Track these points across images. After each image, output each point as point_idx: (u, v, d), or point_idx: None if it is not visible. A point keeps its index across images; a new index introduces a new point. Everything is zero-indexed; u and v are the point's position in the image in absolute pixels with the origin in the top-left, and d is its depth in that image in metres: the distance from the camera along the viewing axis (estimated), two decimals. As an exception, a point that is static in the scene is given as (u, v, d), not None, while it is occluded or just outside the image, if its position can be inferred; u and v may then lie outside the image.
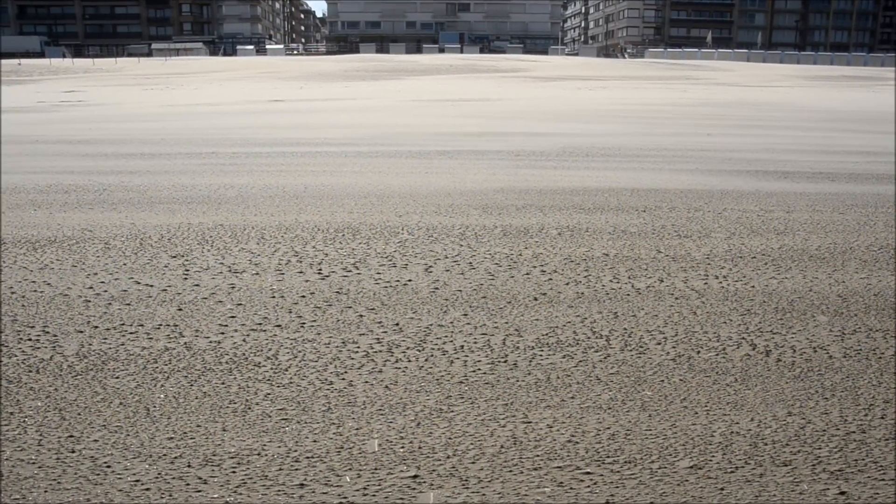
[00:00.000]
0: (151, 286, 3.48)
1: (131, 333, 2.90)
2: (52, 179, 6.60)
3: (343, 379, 2.51)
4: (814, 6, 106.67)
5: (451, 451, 2.06)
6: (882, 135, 11.68)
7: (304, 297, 3.34)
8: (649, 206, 5.50)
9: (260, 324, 3.01)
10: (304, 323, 3.02)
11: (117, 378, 2.51)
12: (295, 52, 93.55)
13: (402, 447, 2.08)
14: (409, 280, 3.60)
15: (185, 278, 3.61)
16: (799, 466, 2.00)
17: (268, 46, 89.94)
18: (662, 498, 1.86)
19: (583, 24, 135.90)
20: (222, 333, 2.90)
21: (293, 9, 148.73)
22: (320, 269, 3.76)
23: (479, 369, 2.59)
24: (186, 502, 1.84)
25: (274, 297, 3.34)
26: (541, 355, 2.71)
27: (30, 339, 2.83)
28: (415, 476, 1.95)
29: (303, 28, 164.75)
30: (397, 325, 3.01)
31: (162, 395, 2.38)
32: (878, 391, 2.45)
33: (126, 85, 31.81)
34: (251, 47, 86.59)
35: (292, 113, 15.67)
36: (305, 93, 24.69)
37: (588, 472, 1.97)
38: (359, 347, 2.78)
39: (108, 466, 1.98)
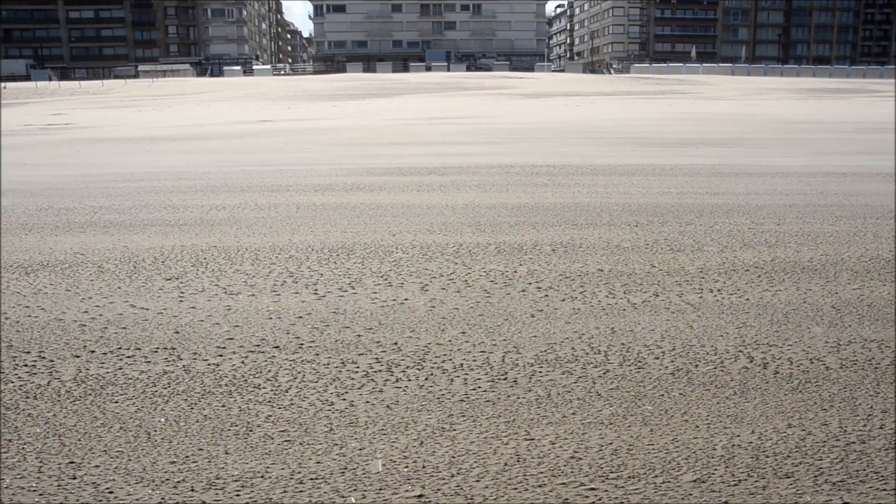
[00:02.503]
0: (147, 309, 3.47)
1: (129, 357, 2.89)
2: (43, 202, 6.57)
3: (344, 399, 2.51)
4: (795, 20, 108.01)
5: (456, 470, 2.06)
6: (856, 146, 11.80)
7: (301, 317, 3.34)
8: (641, 221, 5.53)
9: (258, 345, 3.00)
10: (302, 344, 3.02)
11: (116, 402, 2.50)
12: (282, 72, 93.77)
13: (407, 467, 2.08)
14: (406, 299, 3.60)
15: (181, 301, 3.60)
16: (801, 478, 2.01)
17: (255, 67, 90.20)
18: (667, 513, 1.87)
19: (568, 41, 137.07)
20: (220, 356, 2.90)
21: (279, 29, 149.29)
22: (316, 290, 3.76)
23: (480, 387, 2.60)
24: (191, 527, 1.83)
25: (271, 318, 3.34)
26: (540, 372, 2.72)
27: (26, 365, 2.82)
28: (420, 495, 1.95)
29: (289, 48, 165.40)
30: (396, 344, 3.01)
31: (162, 419, 2.37)
32: (875, 401, 2.47)
33: (113, 107, 31.75)
34: (238, 68, 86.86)
35: (277, 135, 15.68)
36: (293, 113, 24.71)
37: (592, 488, 1.97)
38: (358, 367, 2.78)
39: (111, 492, 1.97)
